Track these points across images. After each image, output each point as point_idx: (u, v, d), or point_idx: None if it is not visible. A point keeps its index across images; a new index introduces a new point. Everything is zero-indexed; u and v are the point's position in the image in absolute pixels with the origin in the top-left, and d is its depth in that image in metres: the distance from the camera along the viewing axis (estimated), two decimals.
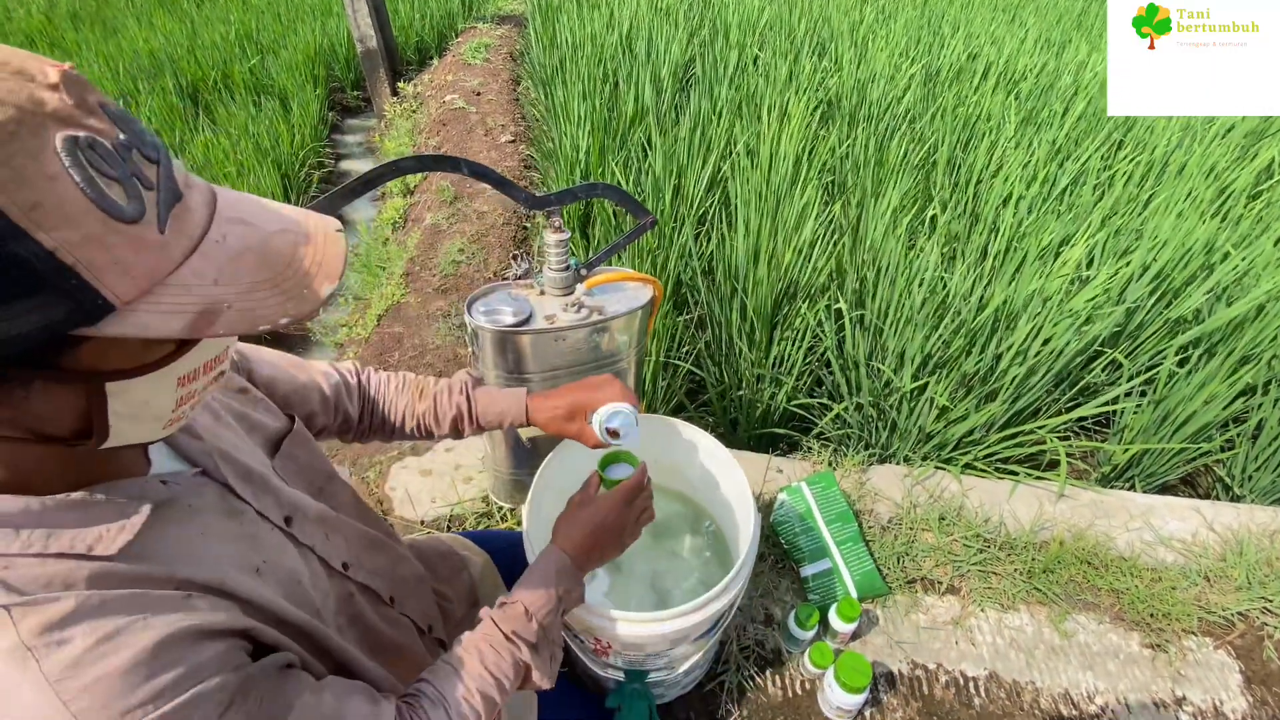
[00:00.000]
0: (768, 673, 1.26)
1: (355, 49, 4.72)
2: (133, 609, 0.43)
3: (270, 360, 0.78)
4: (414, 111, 4.48)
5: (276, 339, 2.96)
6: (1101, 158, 2.94)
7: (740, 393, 1.93)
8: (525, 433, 1.36)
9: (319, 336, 2.72)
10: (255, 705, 0.49)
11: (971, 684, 1.27)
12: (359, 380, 0.89)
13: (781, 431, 1.90)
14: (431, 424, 0.90)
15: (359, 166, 4.42)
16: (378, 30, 4.52)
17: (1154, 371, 1.83)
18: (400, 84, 4.83)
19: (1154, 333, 2.04)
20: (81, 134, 0.36)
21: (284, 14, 5.93)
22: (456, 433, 0.92)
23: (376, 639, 0.73)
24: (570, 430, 0.89)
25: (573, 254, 1.21)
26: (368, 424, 0.89)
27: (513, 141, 3.68)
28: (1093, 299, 1.90)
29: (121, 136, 0.38)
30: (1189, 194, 2.46)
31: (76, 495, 0.46)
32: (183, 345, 0.45)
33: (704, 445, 1.06)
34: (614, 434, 0.86)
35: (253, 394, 0.71)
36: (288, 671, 0.54)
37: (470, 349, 1.22)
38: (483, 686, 0.65)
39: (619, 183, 2.60)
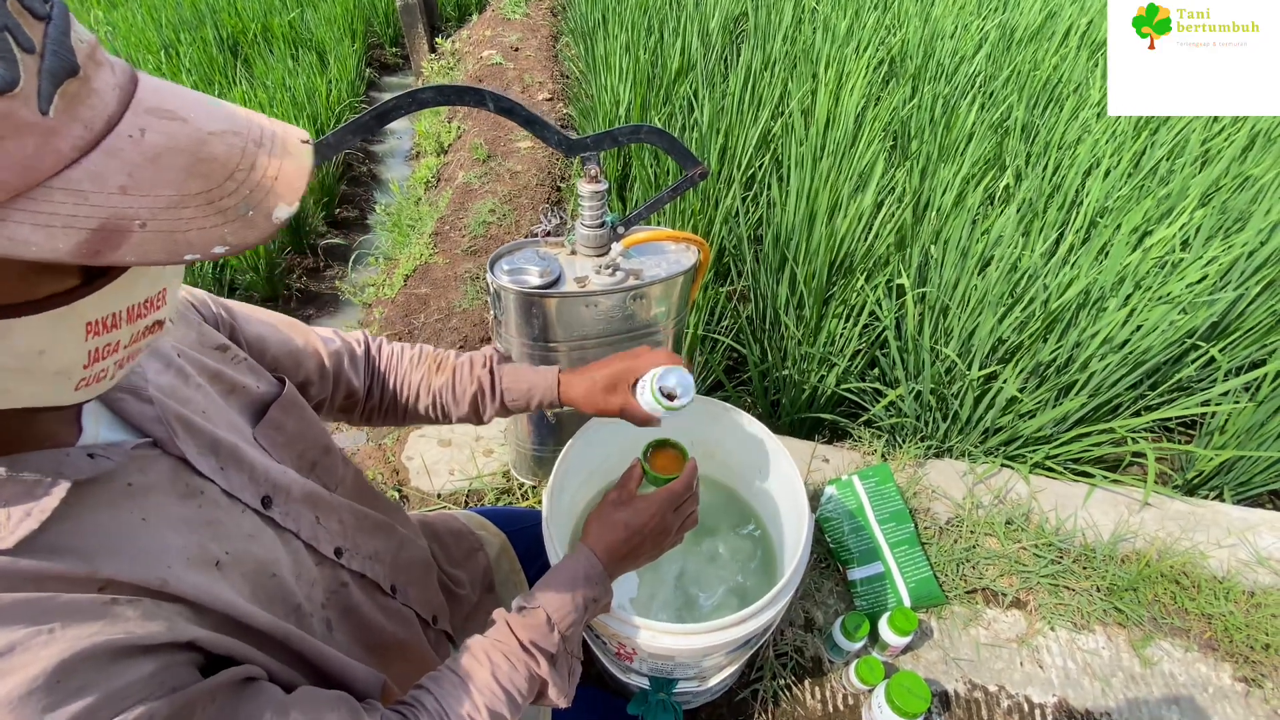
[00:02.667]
0: (806, 683, 1.14)
1: (394, 4, 4.59)
2: (34, 618, 0.35)
3: (261, 319, 0.67)
4: (451, 69, 4.34)
5: (278, 299, 2.92)
6: (1201, 129, 2.63)
7: (784, 372, 1.78)
8: None
9: (347, 296, 2.66)
10: None
11: (1038, 711, 1.13)
12: (367, 349, 0.78)
13: (827, 417, 1.75)
14: (449, 401, 0.79)
15: (394, 126, 4.32)
16: None
17: (1258, 372, 1.61)
18: (438, 40, 4.69)
19: (1256, 326, 1.80)
20: None
21: None
22: (477, 414, 0.80)
23: (373, 635, 0.64)
24: (612, 405, 0.76)
25: (609, 210, 1.07)
26: (376, 400, 0.78)
27: (550, 99, 3.51)
28: (1196, 283, 1.68)
29: None
30: None
31: None
32: (92, 279, 0.33)
33: (751, 433, 0.93)
34: (670, 395, 0.71)
35: (233, 352, 0.60)
36: (246, 687, 0.45)
37: (492, 312, 1.10)
38: (492, 703, 0.57)
39: None
